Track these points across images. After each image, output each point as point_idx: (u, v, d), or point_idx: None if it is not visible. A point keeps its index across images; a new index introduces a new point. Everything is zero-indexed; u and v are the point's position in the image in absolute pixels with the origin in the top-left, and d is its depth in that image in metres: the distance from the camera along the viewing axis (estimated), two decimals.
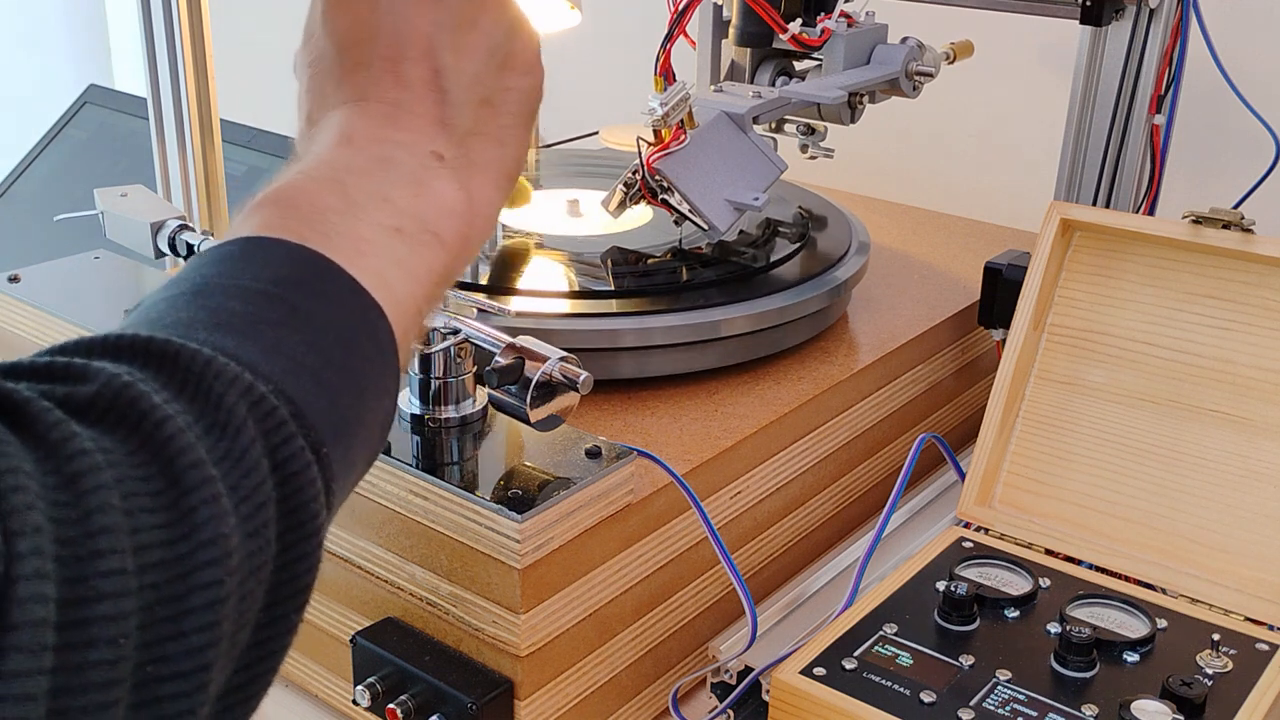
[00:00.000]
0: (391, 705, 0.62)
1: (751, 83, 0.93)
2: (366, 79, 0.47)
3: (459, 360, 0.67)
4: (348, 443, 0.40)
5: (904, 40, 0.94)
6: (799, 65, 0.95)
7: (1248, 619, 0.67)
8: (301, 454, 0.37)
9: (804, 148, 0.97)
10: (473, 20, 0.48)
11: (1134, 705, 0.59)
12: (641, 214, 0.93)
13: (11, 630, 0.28)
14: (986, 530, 0.75)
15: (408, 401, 0.68)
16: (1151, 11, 0.79)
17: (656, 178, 0.80)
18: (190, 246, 0.81)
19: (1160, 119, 0.82)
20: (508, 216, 0.96)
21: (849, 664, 0.62)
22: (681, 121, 0.79)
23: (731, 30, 0.92)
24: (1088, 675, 0.62)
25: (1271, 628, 0.66)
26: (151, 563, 0.31)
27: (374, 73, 0.47)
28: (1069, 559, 0.72)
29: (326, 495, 0.38)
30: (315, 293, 0.41)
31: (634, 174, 0.81)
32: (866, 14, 0.93)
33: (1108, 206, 0.84)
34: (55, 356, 0.35)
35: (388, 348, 0.42)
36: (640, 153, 0.80)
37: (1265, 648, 0.64)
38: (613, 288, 0.84)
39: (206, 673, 0.32)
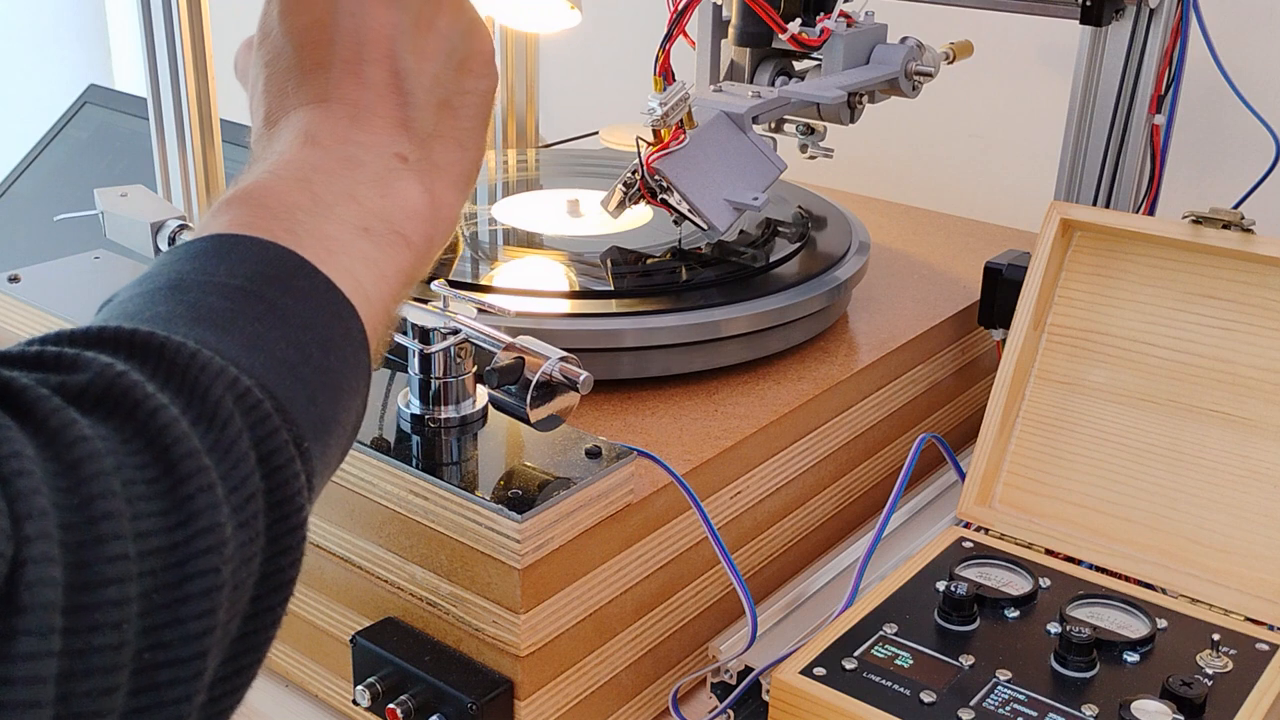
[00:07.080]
0: (391, 705, 0.63)
1: (751, 83, 0.93)
2: (328, 80, 0.47)
3: (459, 360, 0.67)
4: (325, 439, 0.40)
5: (903, 40, 0.94)
6: (798, 65, 0.95)
7: (1248, 619, 0.67)
8: (286, 447, 0.37)
9: (804, 148, 0.97)
10: (431, 22, 0.48)
11: (1134, 705, 0.59)
12: (641, 214, 0.93)
13: (21, 613, 0.28)
14: (986, 530, 0.75)
15: (408, 401, 0.68)
16: (1151, 11, 0.79)
17: (656, 178, 0.80)
18: None
19: (1160, 119, 0.82)
20: (505, 215, 0.96)
21: (849, 664, 0.62)
22: (681, 121, 0.79)
23: (731, 30, 0.92)
24: (1088, 675, 0.62)
25: (1271, 628, 0.66)
26: (150, 550, 0.32)
27: (335, 74, 0.47)
28: (1069, 559, 0.72)
29: (309, 490, 0.38)
30: (291, 290, 0.41)
31: (633, 174, 0.81)
32: (866, 14, 0.93)
33: (1108, 206, 0.84)
34: (45, 346, 0.34)
35: (361, 346, 0.43)
36: (640, 153, 0.80)
37: (1265, 648, 0.64)
38: (613, 288, 0.84)
39: (203, 660, 0.33)
